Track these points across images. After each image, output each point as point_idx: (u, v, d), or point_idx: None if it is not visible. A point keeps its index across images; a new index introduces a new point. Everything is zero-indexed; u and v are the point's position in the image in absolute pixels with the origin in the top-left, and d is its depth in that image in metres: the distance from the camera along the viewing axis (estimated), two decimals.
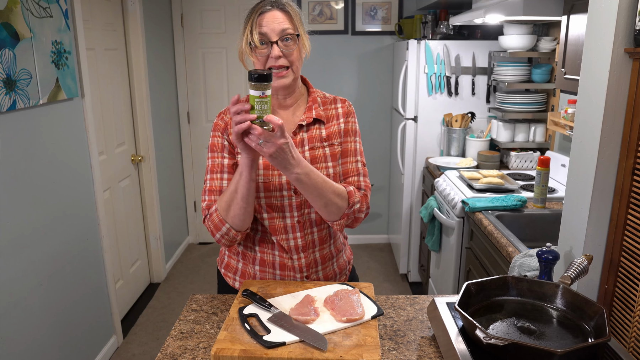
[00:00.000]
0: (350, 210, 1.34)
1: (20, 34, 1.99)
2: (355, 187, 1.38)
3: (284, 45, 1.30)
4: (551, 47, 2.88)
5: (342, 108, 1.45)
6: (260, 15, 1.29)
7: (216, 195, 1.36)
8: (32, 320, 2.11)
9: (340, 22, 4.04)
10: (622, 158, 1.25)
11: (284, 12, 1.30)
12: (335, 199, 1.30)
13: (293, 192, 1.36)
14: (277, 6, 1.30)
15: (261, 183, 1.35)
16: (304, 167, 1.22)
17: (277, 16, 1.29)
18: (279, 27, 1.28)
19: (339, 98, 1.47)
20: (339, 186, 1.32)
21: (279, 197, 1.36)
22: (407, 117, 3.43)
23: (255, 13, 1.29)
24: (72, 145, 2.45)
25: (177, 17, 4.09)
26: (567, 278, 1.16)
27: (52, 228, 2.27)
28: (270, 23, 1.28)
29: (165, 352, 1.16)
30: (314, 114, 1.40)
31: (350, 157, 1.41)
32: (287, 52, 1.30)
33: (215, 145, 1.40)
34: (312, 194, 1.27)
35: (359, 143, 1.45)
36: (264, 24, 1.28)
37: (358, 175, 1.40)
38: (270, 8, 1.29)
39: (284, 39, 1.29)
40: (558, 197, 2.39)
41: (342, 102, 1.46)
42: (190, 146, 4.36)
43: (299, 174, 1.22)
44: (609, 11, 1.22)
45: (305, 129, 1.39)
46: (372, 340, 1.09)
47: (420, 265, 3.54)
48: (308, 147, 1.38)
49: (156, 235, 3.69)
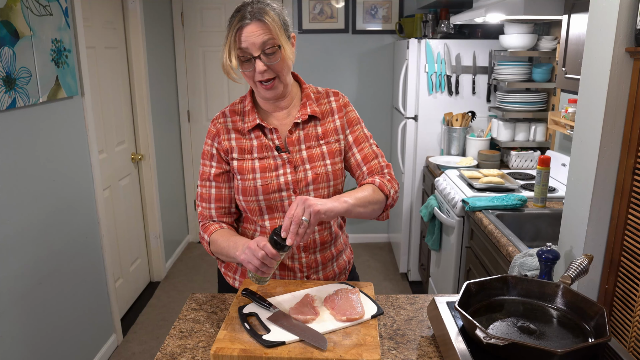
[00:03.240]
0: (390, 199, 1.37)
1: (20, 32, 1.99)
2: (378, 169, 1.41)
3: (267, 59, 1.27)
4: (552, 47, 2.88)
5: (335, 102, 1.44)
6: (238, 31, 1.26)
7: (206, 202, 1.41)
8: (31, 318, 2.11)
9: (341, 21, 4.04)
10: (623, 157, 1.25)
11: (262, 22, 1.25)
12: (374, 200, 1.32)
13: (292, 192, 1.36)
14: (255, 17, 1.25)
15: (260, 186, 1.35)
16: (334, 205, 1.22)
17: (256, 29, 1.25)
18: (259, 41, 1.25)
19: (331, 91, 1.46)
20: (368, 187, 1.34)
21: (279, 198, 1.36)
22: (408, 116, 3.43)
23: (233, 30, 1.26)
24: (72, 144, 2.44)
25: (178, 15, 4.08)
26: (567, 278, 1.16)
27: (52, 226, 2.27)
28: (249, 37, 1.25)
29: (164, 351, 1.16)
30: (308, 110, 1.39)
31: (364, 142, 1.43)
32: (271, 64, 1.28)
33: (205, 153, 1.42)
34: (356, 214, 1.29)
35: (365, 128, 1.46)
36: (243, 39, 1.25)
37: (377, 157, 1.42)
38: (248, 21, 1.25)
39: (266, 52, 1.27)
40: (558, 197, 2.39)
41: (335, 95, 1.45)
42: (190, 145, 4.36)
43: (338, 210, 1.22)
44: (610, 10, 1.22)
45: (301, 127, 1.39)
46: (372, 339, 1.09)
47: (421, 265, 3.54)
48: (305, 146, 1.38)
49: (156, 233, 3.69)
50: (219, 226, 1.39)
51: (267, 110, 1.41)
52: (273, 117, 1.41)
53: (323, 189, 1.38)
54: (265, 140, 1.37)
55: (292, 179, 1.35)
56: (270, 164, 1.36)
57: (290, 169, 1.35)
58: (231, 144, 1.38)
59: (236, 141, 1.38)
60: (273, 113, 1.42)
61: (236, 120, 1.40)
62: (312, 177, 1.36)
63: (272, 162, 1.36)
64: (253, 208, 1.37)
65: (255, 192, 1.35)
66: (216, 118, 1.42)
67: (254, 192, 1.35)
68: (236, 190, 1.38)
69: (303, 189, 1.36)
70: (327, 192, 1.39)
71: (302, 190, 1.36)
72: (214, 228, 1.39)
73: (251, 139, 1.38)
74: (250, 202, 1.37)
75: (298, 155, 1.37)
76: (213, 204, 1.40)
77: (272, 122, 1.40)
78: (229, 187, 1.41)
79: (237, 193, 1.38)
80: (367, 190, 1.32)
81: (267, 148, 1.37)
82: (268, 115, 1.41)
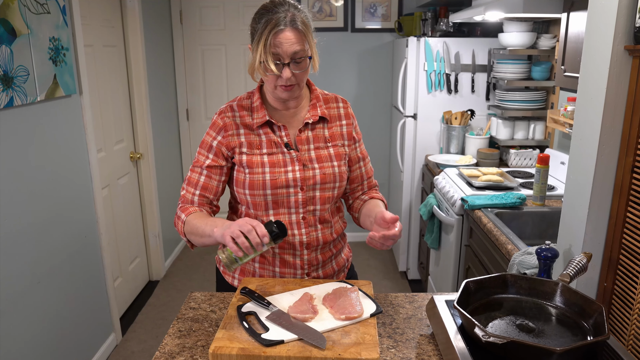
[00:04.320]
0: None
1: (17, 30, 1.99)
2: (374, 185, 1.57)
3: (295, 67, 1.30)
4: (551, 45, 2.87)
5: (343, 109, 1.49)
6: (274, 35, 1.25)
7: (192, 187, 1.41)
8: (30, 318, 2.11)
9: (340, 19, 4.03)
10: (622, 155, 1.25)
11: (298, 31, 1.27)
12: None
13: (300, 189, 1.38)
14: (291, 24, 1.26)
15: (268, 180, 1.36)
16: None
17: (291, 37, 1.26)
18: (292, 49, 1.27)
19: (339, 97, 1.51)
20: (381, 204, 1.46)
21: (286, 194, 1.38)
22: (407, 114, 3.43)
23: (269, 32, 1.25)
24: (70, 143, 2.44)
25: (176, 14, 4.08)
26: (566, 276, 1.15)
27: (51, 226, 2.26)
28: (283, 44, 1.26)
29: (163, 350, 1.16)
30: (319, 112, 1.43)
31: (367, 158, 1.55)
32: (298, 72, 1.31)
33: (205, 143, 1.42)
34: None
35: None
36: (276, 44, 1.26)
37: (373, 174, 1.58)
38: (283, 28, 1.25)
39: (296, 61, 1.29)
40: (557, 195, 2.39)
41: (344, 102, 1.51)
42: (189, 143, 4.35)
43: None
44: (609, 9, 1.21)
45: (310, 127, 1.42)
46: (370, 338, 1.09)
47: (420, 263, 3.54)
48: (313, 147, 1.41)
49: (155, 232, 3.69)
50: (200, 210, 1.39)
51: (276, 107, 1.43)
52: (280, 115, 1.43)
53: (329, 190, 1.41)
54: (273, 136, 1.39)
55: (300, 176, 1.37)
56: (279, 159, 1.38)
57: (299, 166, 1.38)
58: (240, 139, 1.39)
59: (245, 136, 1.39)
60: (281, 111, 1.43)
61: (244, 116, 1.41)
62: (320, 177, 1.39)
63: (281, 159, 1.38)
64: (259, 202, 1.38)
65: (264, 187, 1.36)
66: (224, 111, 1.42)
67: (262, 186, 1.36)
68: (242, 184, 1.38)
69: (310, 187, 1.38)
70: (332, 193, 1.42)
71: (310, 188, 1.38)
72: (194, 210, 1.39)
73: (259, 135, 1.39)
74: (257, 196, 1.37)
75: (307, 155, 1.39)
76: (198, 190, 1.41)
77: (280, 120, 1.42)
78: (218, 180, 1.41)
79: (244, 187, 1.38)
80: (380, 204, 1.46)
81: (276, 144, 1.39)
82: (276, 113, 1.43)
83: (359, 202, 1.52)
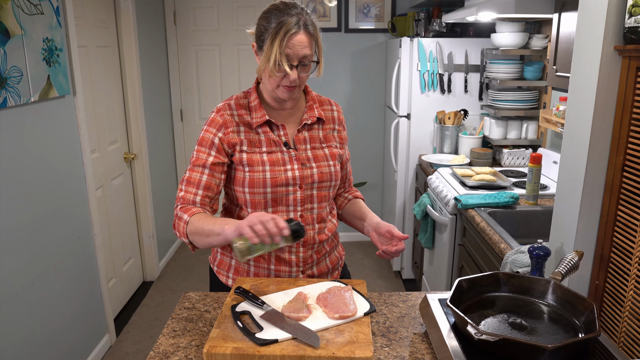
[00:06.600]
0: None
1: (10, 30, 1.98)
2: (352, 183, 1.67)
3: (302, 69, 1.32)
4: (543, 45, 2.89)
5: (337, 112, 1.54)
6: (288, 37, 1.27)
7: (193, 187, 1.37)
8: (24, 318, 2.10)
9: (334, 20, 4.04)
10: (612, 155, 1.26)
11: (309, 34, 1.30)
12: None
13: (298, 187, 1.39)
14: (304, 28, 1.29)
15: (269, 178, 1.37)
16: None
17: (304, 40, 1.29)
18: (302, 53, 1.30)
19: (332, 101, 1.56)
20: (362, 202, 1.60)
21: (285, 192, 1.39)
22: (400, 114, 3.44)
23: (285, 33, 1.27)
24: (64, 143, 2.43)
25: (170, 14, 4.07)
26: (558, 274, 1.17)
27: (44, 226, 2.26)
28: (295, 46, 1.28)
29: (157, 350, 1.16)
30: (316, 113, 1.46)
31: (349, 160, 1.61)
32: (302, 75, 1.34)
33: (204, 140, 1.40)
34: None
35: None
36: (290, 46, 1.28)
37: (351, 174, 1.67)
38: (297, 30, 1.28)
39: (304, 64, 1.31)
40: (550, 194, 2.41)
41: (337, 106, 1.56)
42: (183, 144, 4.35)
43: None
44: (599, 9, 1.23)
45: (307, 128, 1.45)
46: (364, 337, 1.09)
47: (414, 262, 3.55)
48: (310, 146, 1.44)
49: (149, 233, 3.68)
50: (203, 210, 1.36)
51: (273, 107, 1.45)
52: (277, 115, 1.45)
53: (326, 188, 1.44)
54: (272, 135, 1.41)
55: (299, 175, 1.39)
56: (279, 158, 1.39)
57: (298, 165, 1.40)
58: (240, 137, 1.39)
59: (245, 134, 1.40)
60: (278, 111, 1.45)
61: (242, 114, 1.41)
62: (318, 176, 1.41)
63: (281, 157, 1.39)
64: (258, 200, 1.39)
65: (264, 185, 1.37)
66: (222, 109, 1.41)
67: (262, 184, 1.37)
68: (242, 182, 1.38)
69: (309, 186, 1.41)
70: (329, 192, 1.46)
71: (308, 186, 1.41)
72: (197, 210, 1.35)
73: (258, 134, 1.40)
74: (256, 195, 1.38)
75: (304, 154, 1.42)
76: (201, 190, 1.37)
77: (277, 120, 1.44)
78: (219, 179, 1.40)
79: (243, 185, 1.38)
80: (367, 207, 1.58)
81: (275, 143, 1.40)
82: (273, 112, 1.45)
83: (342, 199, 1.62)
